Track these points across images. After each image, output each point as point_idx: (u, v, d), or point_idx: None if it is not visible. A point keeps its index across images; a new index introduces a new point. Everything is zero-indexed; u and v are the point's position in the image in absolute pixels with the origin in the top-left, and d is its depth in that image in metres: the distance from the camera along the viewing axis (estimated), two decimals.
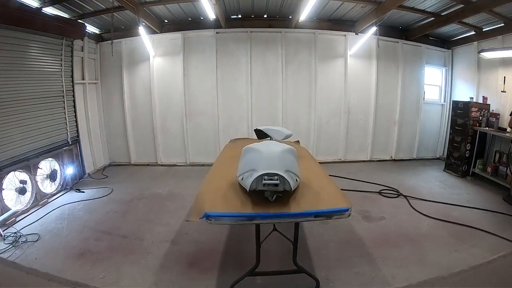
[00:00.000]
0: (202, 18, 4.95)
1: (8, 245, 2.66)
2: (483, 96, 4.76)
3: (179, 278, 2.25)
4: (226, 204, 1.70)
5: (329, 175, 2.26)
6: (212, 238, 2.77)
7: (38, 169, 3.74)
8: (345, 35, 5.26)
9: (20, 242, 2.71)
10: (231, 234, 2.86)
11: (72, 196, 3.97)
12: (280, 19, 5.21)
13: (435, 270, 2.29)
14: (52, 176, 3.95)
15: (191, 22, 5.15)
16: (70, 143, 4.37)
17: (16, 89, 3.43)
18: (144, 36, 4.61)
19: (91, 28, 4.86)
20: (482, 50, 4.59)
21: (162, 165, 5.46)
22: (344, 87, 5.38)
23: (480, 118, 4.59)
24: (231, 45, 5.22)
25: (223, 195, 1.80)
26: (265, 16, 5.16)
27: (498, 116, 4.42)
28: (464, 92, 5.25)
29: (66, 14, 4.24)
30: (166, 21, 5.15)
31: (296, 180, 1.80)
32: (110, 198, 3.91)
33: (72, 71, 4.39)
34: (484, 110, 4.59)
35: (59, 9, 4.08)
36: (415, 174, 4.91)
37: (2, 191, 3.19)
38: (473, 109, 4.58)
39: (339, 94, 5.42)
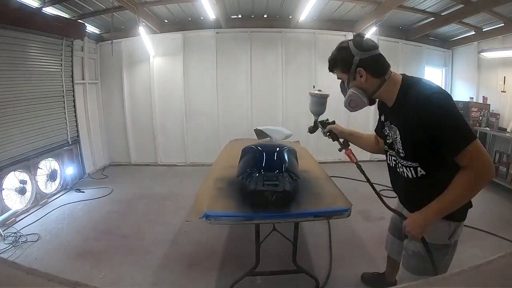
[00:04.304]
0: (202, 18, 4.95)
1: (8, 245, 2.66)
2: (483, 96, 4.76)
3: (179, 278, 2.25)
4: (225, 204, 1.71)
5: (329, 175, 2.26)
6: (212, 238, 2.77)
7: (38, 169, 3.74)
8: (345, 35, 5.25)
9: (20, 242, 2.71)
10: (231, 234, 2.86)
11: (72, 196, 3.97)
12: (280, 19, 5.20)
13: None
14: (52, 176, 3.94)
15: (191, 22, 5.15)
16: (70, 143, 4.37)
17: (16, 89, 3.43)
18: (144, 36, 4.60)
19: (91, 28, 4.85)
20: (482, 50, 4.58)
21: (162, 165, 5.45)
22: None
23: (480, 118, 4.58)
24: (231, 45, 5.21)
25: (223, 195, 1.80)
26: (265, 16, 5.15)
27: (498, 116, 4.41)
28: (464, 92, 5.25)
29: (66, 14, 4.23)
30: (166, 21, 5.15)
31: (296, 180, 1.80)
32: (110, 198, 3.91)
33: (72, 71, 4.38)
34: (484, 110, 4.59)
35: (59, 9, 4.08)
36: None
37: (2, 191, 3.19)
38: (473, 109, 4.57)
39: (339, 93, 5.40)
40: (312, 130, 1.73)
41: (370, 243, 2.71)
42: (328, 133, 1.64)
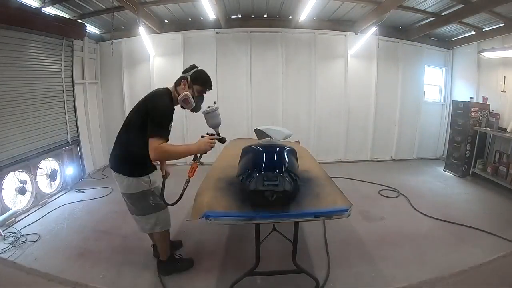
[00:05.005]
0: (202, 18, 4.95)
1: (8, 245, 2.66)
2: (483, 96, 4.77)
3: (179, 278, 2.25)
4: (225, 204, 1.71)
5: (329, 175, 2.26)
6: (212, 238, 2.77)
7: (38, 169, 3.74)
8: (345, 35, 5.26)
9: (20, 242, 2.71)
10: (231, 234, 2.86)
11: (72, 196, 3.97)
12: (280, 19, 5.20)
13: (435, 270, 2.29)
14: (52, 176, 3.94)
15: (191, 22, 5.15)
16: (70, 143, 4.37)
17: (16, 89, 3.43)
18: (144, 36, 4.61)
19: (91, 28, 4.85)
20: (482, 50, 4.59)
21: None
22: (344, 87, 5.38)
23: (480, 118, 4.59)
24: (231, 45, 5.21)
25: (223, 195, 1.80)
26: (265, 16, 5.15)
27: (498, 116, 4.42)
28: (464, 92, 5.25)
29: (66, 14, 4.24)
30: (166, 21, 5.15)
31: (296, 180, 1.80)
32: (110, 198, 3.91)
33: (72, 71, 4.38)
34: (484, 110, 4.59)
35: (59, 9, 4.08)
36: (415, 174, 4.91)
37: (2, 191, 3.19)
38: (473, 109, 4.58)
39: (339, 94, 5.41)
40: (223, 140, 2.14)
41: (369, 243, 2.71)
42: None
